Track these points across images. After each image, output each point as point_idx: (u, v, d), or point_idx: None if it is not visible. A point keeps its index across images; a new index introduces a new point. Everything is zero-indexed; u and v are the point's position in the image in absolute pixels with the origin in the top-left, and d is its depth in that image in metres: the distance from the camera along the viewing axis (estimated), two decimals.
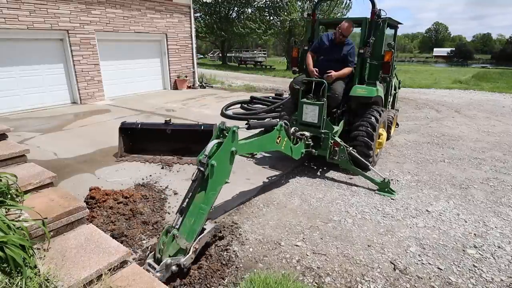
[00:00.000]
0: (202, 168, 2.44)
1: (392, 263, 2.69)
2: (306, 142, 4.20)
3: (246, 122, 3.08)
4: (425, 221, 3.36)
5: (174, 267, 2.29)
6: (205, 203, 2.47)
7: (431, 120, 8.09)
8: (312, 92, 4.37)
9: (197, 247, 2.46)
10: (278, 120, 3.55)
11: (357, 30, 4.80)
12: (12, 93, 8.11)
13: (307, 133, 4.22)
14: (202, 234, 2.55)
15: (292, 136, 3.73)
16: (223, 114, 8.08)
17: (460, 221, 3.37)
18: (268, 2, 27.20)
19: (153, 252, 2.37)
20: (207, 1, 27.80)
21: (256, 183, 4.21)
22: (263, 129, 3.33)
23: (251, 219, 3.34)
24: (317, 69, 4.51)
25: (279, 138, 3.45)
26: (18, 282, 1.72)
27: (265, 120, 3.43)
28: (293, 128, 3.81)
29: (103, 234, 2.45)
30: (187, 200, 2.45)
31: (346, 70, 4.49)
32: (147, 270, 2.24)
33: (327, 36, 4.70)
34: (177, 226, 2.35)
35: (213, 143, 2.54)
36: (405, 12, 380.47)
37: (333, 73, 4.37)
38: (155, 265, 2.26)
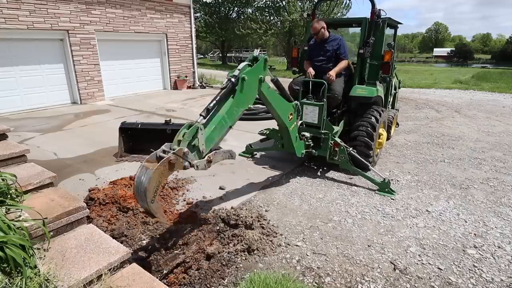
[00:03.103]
0: (233, 80, 2.54)
1: (392, 263, 2.69)
2: (306, 142, 4.21)
3: (272, 78, 3.29)
4: (425, 221, 3.36)
5: (187, 163, 2.27)
6: (228, 116, 2.54)
7: (431, 120, 8.09)
8: (310, 92, 4.37)
9: (211, 158, 2.46)
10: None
11: (357, 30, 4.81)
12: (12, 93, 8.12)
13: (307, 134, 4.23)
14: (218, 150, 2.59)
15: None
16: None
17: (460, 221, 3.37)
18: (268, 2, 27.23)
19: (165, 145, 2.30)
20: (207, 1, 27.82)
21: (256, 183, 4.21)
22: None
23: None
24: (312, 71, 4.51)
25: (292, 116, 3.49)
26: (18, 282, 1.72)
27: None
28: (299, 122, 3.82)
29: (103, 234, 2.45)
30: (214, 103, 2.48)
31: (341, 64, 4.48)
32: (162, 154, 2.16)
33: (313, 40, 4.75)
34: (202, 122, 2.37)
35: (244, 63, 2.69)
36: (413, 11, 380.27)
37: (331, 73, 4.37)
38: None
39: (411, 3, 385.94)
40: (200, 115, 2.45)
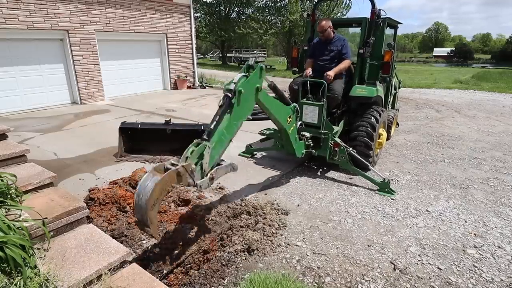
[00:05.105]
0: (229, 94, 2.51)
1: (392, 263, 2.69)
2: (306, 142, 4.21)
3: (269, 84, 3.29)
4: (425, 221, 3.36)
5: (191, 180, 2.26)
6: (227, 131, 2.54)
7: (431, 120, 8.09)
8: (309, 92, 4.37)
9: (213, 175, 2.46)
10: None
11: (357, 30, 4.81)
12: (12, 93, 8.11)
13: (307, 134, 4.23)
14: (220, 166, 2.58)
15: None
16: None
17: (460, 221, 3.37)
18: (268, 2, 27.22)
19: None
20: (207, 1, 27.79)
21: (256, 183, 4.21)
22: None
23: None
24: (309, 71, 4.49)
25: (290, 119, 3.49)
26: (18, 282, 1.72)
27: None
28: (299, 123, 3.84)
29: (103, 234, 2.45)
30: (214, 123, 2.48)
31: (343, 64, 4.48)
32: (170, 166, 2.15)
33: (317, 39, 4.76)
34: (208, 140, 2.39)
35: (240, 75, 2.65)
36: (417, 11, 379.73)
37: (329, 72, 4.37)
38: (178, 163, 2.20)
39: (418, 2, 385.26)
40: (203, 138, 2.41)
